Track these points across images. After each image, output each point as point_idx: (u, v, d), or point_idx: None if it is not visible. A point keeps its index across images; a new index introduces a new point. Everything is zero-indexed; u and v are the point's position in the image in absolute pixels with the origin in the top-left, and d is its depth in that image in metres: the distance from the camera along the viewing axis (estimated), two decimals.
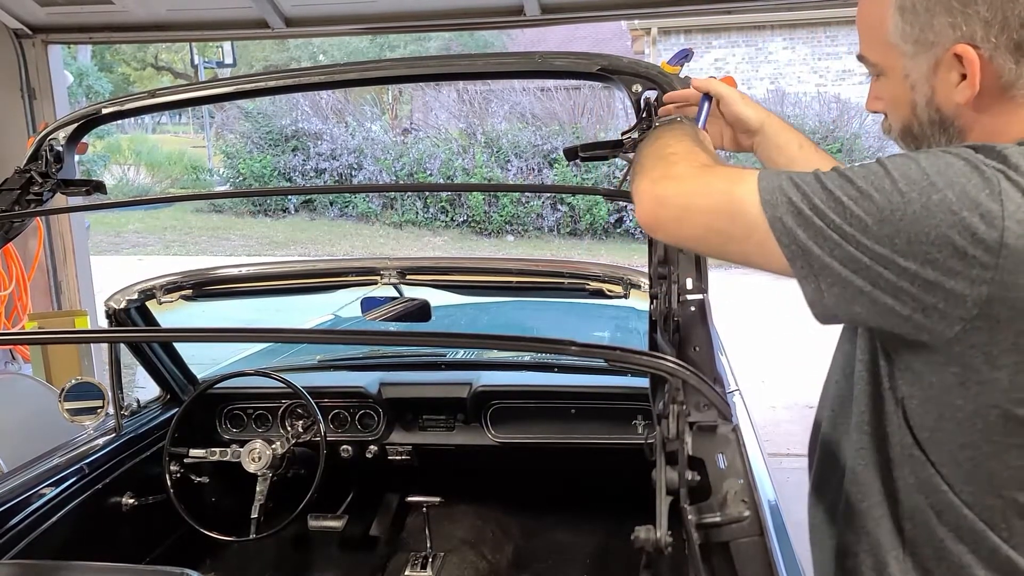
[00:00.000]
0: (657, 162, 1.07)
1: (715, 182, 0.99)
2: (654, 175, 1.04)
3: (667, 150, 1.10)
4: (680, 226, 1.01)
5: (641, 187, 1.04)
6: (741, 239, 0.96)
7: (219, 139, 18.77)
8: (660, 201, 1.01)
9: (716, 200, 0.97)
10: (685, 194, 1.00)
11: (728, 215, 0.96)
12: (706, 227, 0.99)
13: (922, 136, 1.03)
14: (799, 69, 15.96)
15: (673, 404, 1.09)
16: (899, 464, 1.01)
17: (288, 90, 1.85)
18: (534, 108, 15.39)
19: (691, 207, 0.99)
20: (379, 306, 2.49)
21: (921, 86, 1.00)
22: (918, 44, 0.98)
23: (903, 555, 1.02)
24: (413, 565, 2.68)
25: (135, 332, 2.34)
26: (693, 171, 1.03)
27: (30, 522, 1.94)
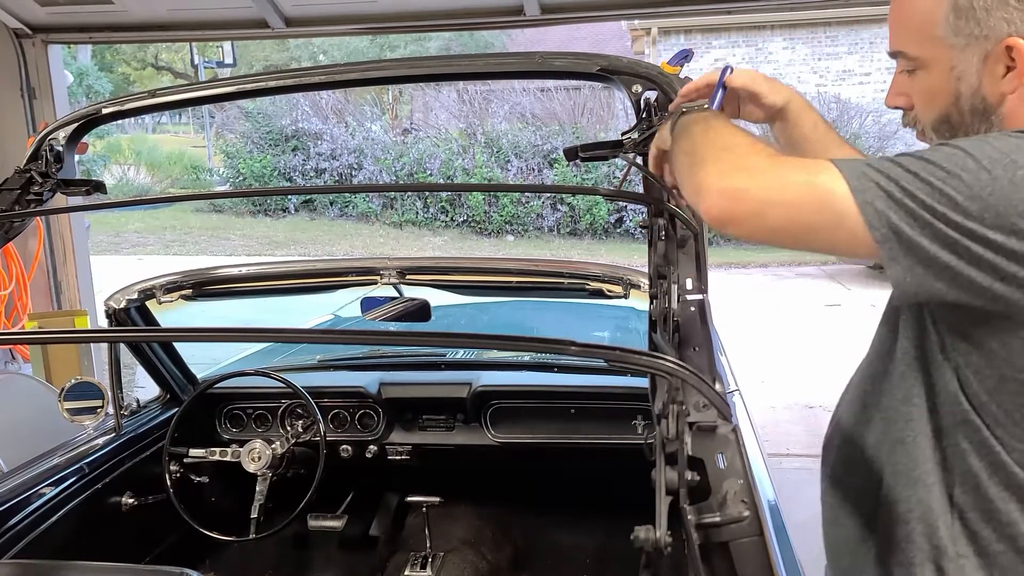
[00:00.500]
0: (721, 153, 1.04)
1: (794, 173, 0.99)
2: (722, 167, 1.02)
3: (728, 140, 1.07)
4: (760, 220, 1.00)
5: (707, 181, 1.01)
6: (830, 228, 0.98)
7: (219, 139, 18.78)
8: (734, 196, 0.99)
9: (800, 192, 0.98)
10: (764, 187, 0.99)
11: (815, 206, 0.98)
12: (789, 219, 0.99)
13: (960, 125, 1.09)
14: (799, 69, 15.97)
15: (673, 404, 1.09)
16: (951, 431, 1.08)
17: (288, 90, 1.85)
18: (534, 108, 15.40)
19: (772, 200, 0.99)
20: (379, 306, 2.49)
21: (968, 77, 1.06)
22: (971, 37, 1.04)
23: (951, 519, 1.09)
24: (413, 565, 2.68)
25: (135, 332, 2.34)
26: (767, 162, 1.01)
27: (30, 522, 1.94)
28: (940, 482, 1.10)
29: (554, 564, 2.82)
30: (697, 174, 1.05)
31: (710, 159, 1.05)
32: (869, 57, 15.75)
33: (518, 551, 2.88)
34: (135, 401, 2.52)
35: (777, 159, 1.02)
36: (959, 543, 1.09)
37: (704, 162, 1.05)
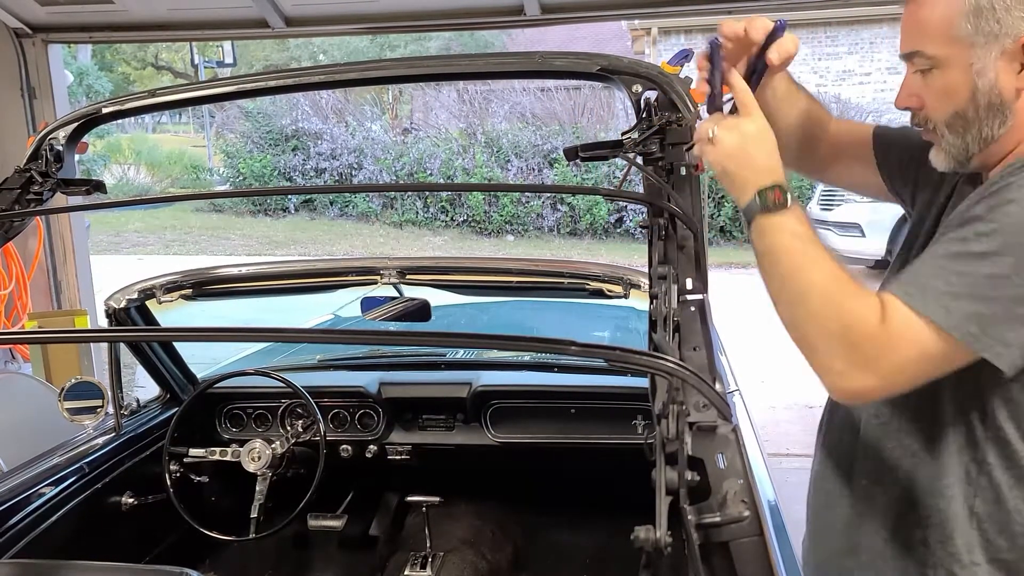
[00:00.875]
0: (829, 344, 1.11)
1: (902, 352, 1.08)
2: (837, 366, 1.11)
3: (829, 317, 1.12)
4: (887, 396, 1.16)
5: (832, 382, 1.13)
6: (946, 366, 1.10)
7: (219, 138, 18.78)
8: (861, 394, 1.14)
9: (914, 366, 1.09)
10: (886, 380, 1.10)
11: (931, 366, 1.09)
12: (911, 383, 1.12)
13: (974, 120, 1.16)
14: (799, 69, 15.86)
15: (673, 404, 1.09)
16: (981, 445, 1.17)
17: (288, 90, 1.85)
18: (534, 108, 15.40)
19: (895, 385, 1.12)
20: (379, 306, 2.49)
21: (987, 72, 1.12)
22: (990, 36, 1.11)
23: (969, 528, 1.18)
24: (413, 565, 2.68)
25: (135, 331, 2.34)
26: (874, 349, 1.08)
27: (30, 521, 1.94)
28: (962, 494, 1.18)
29: (554, 564, 2.82)
30: (808, 355, 1.15)
31: (820, 347, 1.13)
32: (869, 57, 15.76)
33: (518, 551, 2.88)
34: (135, 401, 2.52)
35: (882, 335, 1.08)
36: (974, 552, 1.17)
37: (813, 348, 1.14)
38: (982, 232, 1.07)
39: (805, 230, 1.18)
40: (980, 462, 1.17)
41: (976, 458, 1.17)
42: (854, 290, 1.12)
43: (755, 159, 1.21)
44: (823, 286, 1.13)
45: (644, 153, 1.48)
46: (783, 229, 1.18)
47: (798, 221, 1.18)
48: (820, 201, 10.36)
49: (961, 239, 1.09)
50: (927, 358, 1.08)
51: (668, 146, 1.47)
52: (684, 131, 1.47)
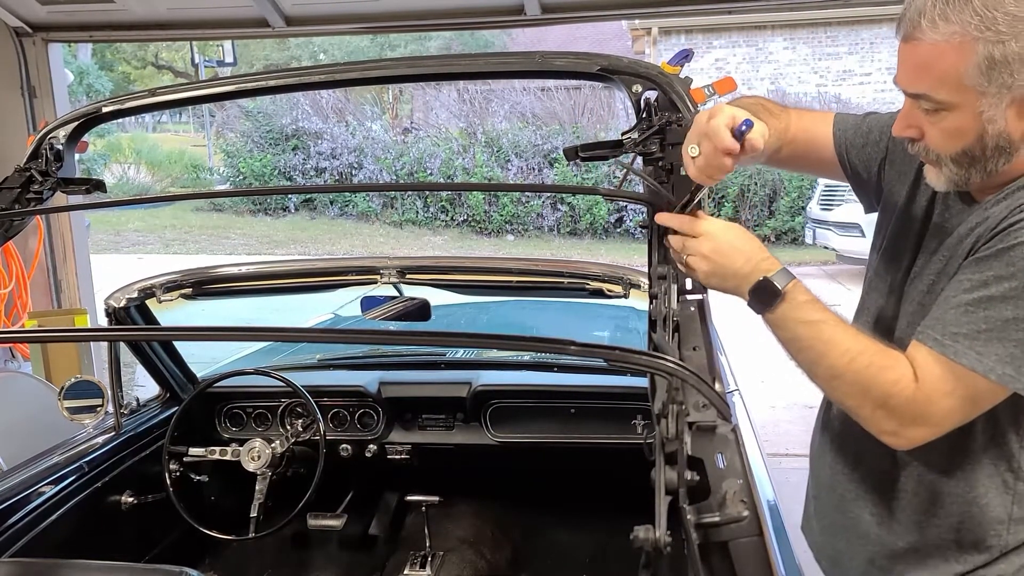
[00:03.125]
0: (875, 412, 1.18)
1: (944, 403, 1.14)
2: (888, 427, 1.18)
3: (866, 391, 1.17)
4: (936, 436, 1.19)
5: (889, 441, 1.19)
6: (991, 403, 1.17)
7: (219, 138, 18.77)
8: (919, 442, 1.19)
9: (959, 411, 1.16)
10: (936, 431, 1.17)
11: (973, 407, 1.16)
12: (962, 421, 1.18)
13: (980, 159, 1.18)
14: (799, 69, 15.97)
15: (672, 404, 1.09)
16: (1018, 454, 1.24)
17: (289, 89, 1.84)
18: (534, 108, 15.40)
19: (945, 430, 1.18)
20: (379, 305, 2.49)
21: (997, 120, 1.14)
22: (1002, 87, 1.11)
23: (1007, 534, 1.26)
24: (412, 564, 2.68)
25: (135, 331, 2.34)
26: (917, 408, 1.15)
27: (29, 520, 1.94)
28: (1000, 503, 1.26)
29: (553, 564, 2.82)
30: (861, 422, 1.21)
31: (867, 416, 1.19)
32: (869, 57, 15.76)
33: (517, 551, 2.88)
34: (135, 400, 2.52)
35: (920, 393, 1.15)
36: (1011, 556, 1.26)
37: (861, 417, 1.20)
38: (1001, 276, 1.11)
39: (811, 314, 1.21)
40: (1016, 471, 1.24)
41: (1012, 467, 1.24)
42: (880, 361, 1.17)
43: (732, 268, 1.24)
44: (849, 367, 1.17)
45: (644, 153, 1.47)
46: (789, 319, 1.22)
47: (800, 306, 1.21)
48: (820, 201, 10.36)
49: (981, 283, 1.13)
50: (970, 401, 1.14)
51: (668, 146, 1.47)
52: (684, 131, 1.47)
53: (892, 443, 1.19)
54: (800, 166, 1.56)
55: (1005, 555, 1.26)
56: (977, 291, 1.13)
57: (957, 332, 1.13)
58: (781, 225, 12.91)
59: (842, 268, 10.43)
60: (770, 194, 13.05)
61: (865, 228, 9.06)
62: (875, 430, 1.19)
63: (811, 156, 1.50)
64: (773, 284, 1.21)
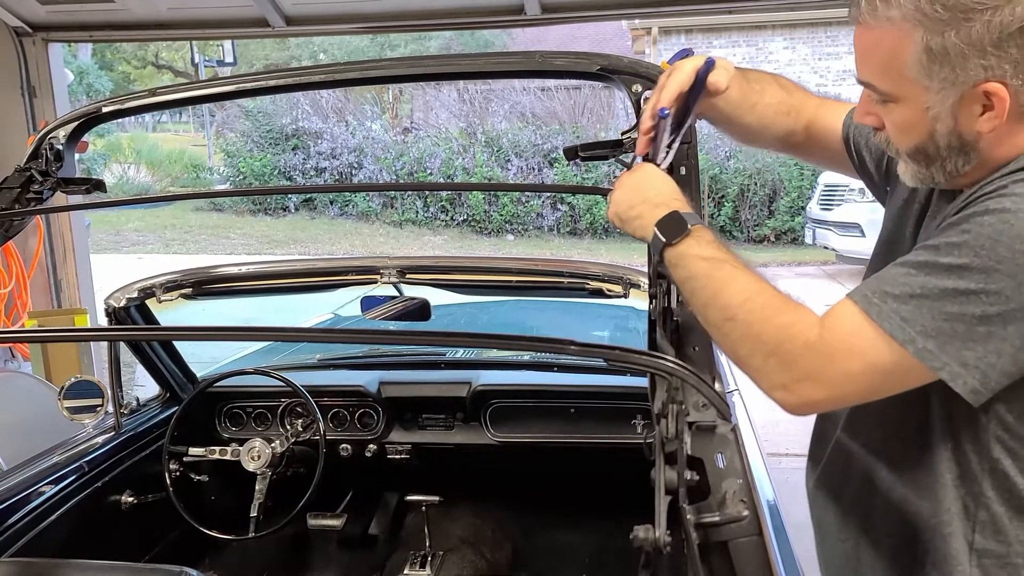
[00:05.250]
0: (766, 362, 1.08)
1: (848, 362, 1.03)
2: (779, 380, 1.07)
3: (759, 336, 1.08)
4: (840, 406, 1.15)
5: (778, 397, 1.08)
6: (901, 383, 1.05)
7: (219, 138, 18.78)
8: (810, 405, 1.10)
9: (864, 378, 1.04)
10: (832, 393, 1.06)
11: (882, 379, 1.04)
12: (863, 395, 1.08)
13: (936, 157, 1.09)
14: (799, 69, 15.96)
15: (672, 404, 1.09)
16: (978, 477, 1.10)
17: (289, 89, 1.84)
18: (534, 107, 15.40)
19: (844, 396, 1.08)
20: (379, 305, 2.49)
21: (944, 118, 1.05)
22: (945, 81, 1.02)
23: (970, 567, 1.11)
24: (412, 564, 2.68)
25: (135, 330, 2.34)
26: (815, 359, 1.05)
27: (29, 520, 1.94)
28: (961, 530, 1.12)
29: (553, 564, 2.82)
30: (751, 375, 1.11)
31: (757, 365, 1.09)
32: None
33: (517, 550, 2.88)
34: (135, 400, 2.52)
35: (822, 345, 1.04)
36: None
37: (752, 368, 1.10)
38: (954, 243, 0.99)
39: (714, 251, 1.14)
40: (977, 495, 1.10)
41: (973, 491, 1.11)
42: (780, 304, 1.08)
43: (643, 196, 1.21)
44: (745, 306, 1.09)
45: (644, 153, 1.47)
46: (689, 255, 1.15)
47: (704, 244, 1.15)
48: (820, 201, 10.36)
49: (933, 248, 1.02)
50: (877, 370, 1.02)
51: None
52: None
53: (783, 402, 1.07)
54: (813, 155, 1.51)
55: None
56: (925, 255, 1.02)
57: (888, 292, 1.01)
58: (781, 225, 12.91)
59: (842, 268, 10.42)
60: (770, 194, 13.05)
61: (865, 228, 9.07)
62: (766, 385, 1.08)
63: (822, 145, 1.44)
64: (682, 217, 1.16)
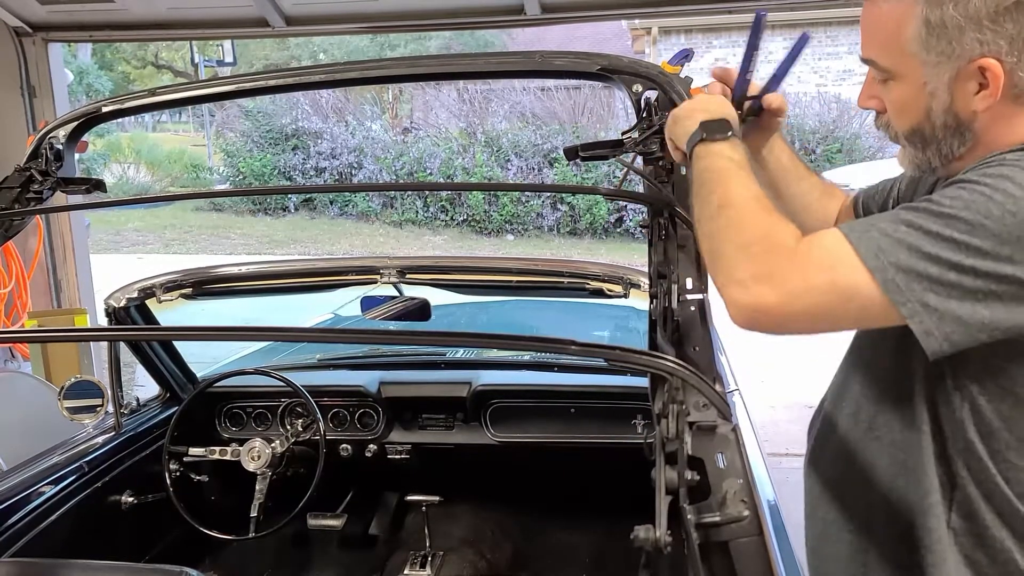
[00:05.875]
0: (737, 253, 1.04)
1: (815, 274, 0.99)
2: (739, 275, 1.02)
3: (744, 221, 1.06)
4: (784, 327, 1.04)
5: (729, 291, 1.03)
6: (857, 315, 1.02)
7: (219, 137, 18.76)
8: (759, 310, 1.01)
9: (824, 294, 0.99)
10: (788, 298, 1.00)
11: (839, 301, 0.99)
12: (814, 318, 1.01)
13: (932, 139, 1.10)
14: (799, 69, 15.90)
15: (673, 404, 1.09)
16: (953, 458, 1.10)
17: (288, 89, 1.85)
18: (534, 107, 15.39)
19: (796, 311, 1.00)
20: (379, 305, 2.49)
21: (941, 94, 1.06)
22: (943, 55, 1.04)
23: (952, 546, 1.11)
24: (412, 564, 2.68)
25: (135, 330, 2.34)
26: (786, 261, 1.01)
27: (29, 520, 1.94)
28: (943, 511, 1.11)
29: (554, 563, 2.82)
30: (716, 268, 1.07)
31: (728, 254, 1.05)
32: None
33: (518, 551, 2.88)
34: (135, 400, 2.52)
35: (796, 253, 1.01)
36: (960, 571, 1.11)
37: (721, 256, 1.06)
38: (948, 195, 0.99)
39: (741, 158, 1.14)
40: (952, 476, 1.11)
41: (949, 471, 1.11)
42: (775, 211, 1.08)
43: (705, 107, 1.24)
44: (745, 201, 1.08)
45: (644, 153, 1.48)
46: (720, 154, 1.15)
47: (736, 149, 1.16)
48: None
49: (927, 199, 1.01)
50: (839, 291, 0.99)
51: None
52: None
53: (735, 299, 1.02)
54: None
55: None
56: (921, 203, 1.02)
57: (874, 225, 1.01)
58: None
59: None
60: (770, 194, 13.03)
61: None
62: (723, 278, 1.04)
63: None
64: (730, 125, 1.18)
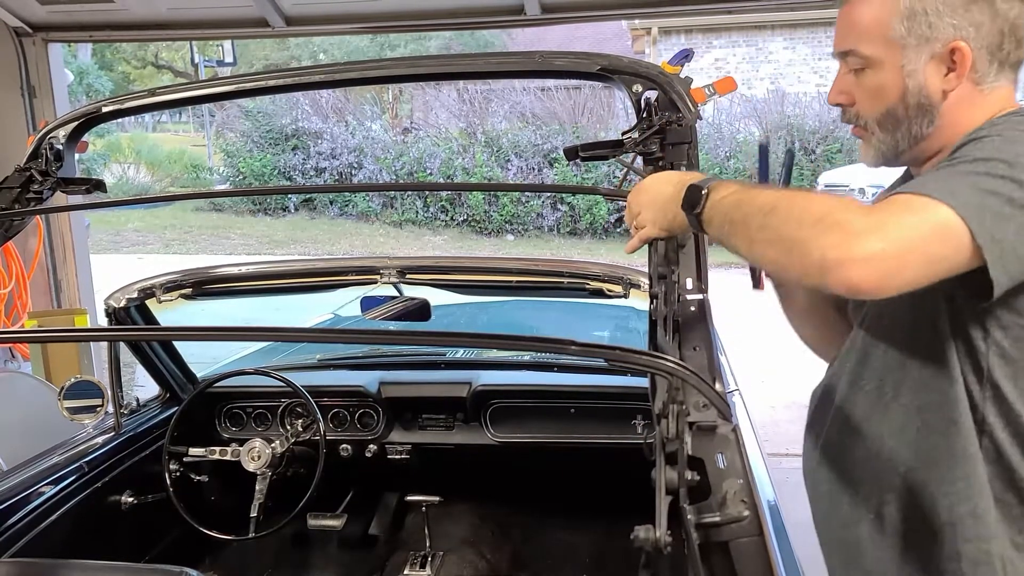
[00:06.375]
0: (815, 226, 1.01)
1: (904, 216, 1.01)
2: (835, 237, 0.99)
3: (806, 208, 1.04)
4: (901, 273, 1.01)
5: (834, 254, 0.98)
6: (953, 253, 1.01)
7: (219, 138, 18.76)
8: (874, 258, 0.98)
9: (922, 233, 1.00)
10: (896, 240, 0.99)
11: (938, 240, 1.00)
12: (925, 260, 1.01)
13: (903, 119, 1.20)
14: (799, 69, 15.96)
15: (673, 404, 1.09)
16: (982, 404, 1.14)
17: (288, 89, 1.85)
18: (534, 108, 15.39)
19: (906, 250, 1.00)
20: (379, 305, 2.49)
21: (916, 75, 1.18)
22: (921, 39, 1.16)
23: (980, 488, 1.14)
24: (412, 564, 2.68)
25: (135, 331, 2.34)
26: (867, 216, 1.00)
27: (29, 520, 1.94)
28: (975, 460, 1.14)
29: (554, 564, 2.82)
30: (797, 250, 1.02)
31: (805, 231, 1.02)
32: None
33: (518, 551, 2.88)
34: (135, 400, 2.52)
35: (870, 209, 1.03)
36: (990, 512, 1.14)
37: (799, 242, 1.02)
38: (971, 150, 1.08)
39: (736, 187, 1.15)
40: (981, 423, 1.15)
41: (978, 419, 1.15)
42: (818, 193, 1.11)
43: (664, 195, 1.25)
44: (782, 195, 1.09)
45: (644, 153, 1.48)
46: (715, 203, 1.15)
47: (724, 188, 1.16)
48: None
49: (951, 159, 1.09)
50: (935, 231, 1.00)
51: (668, 146, 1.47)
52: (684, 131, 1.48)
53: (836, 258, 0.98)
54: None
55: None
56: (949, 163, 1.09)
57: (929, 179, 1.07)
58: None
59: None
60: None
61: None
62: (816, 253, 0.99)
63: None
64: (696, 185, 1.18)
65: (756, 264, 1.18)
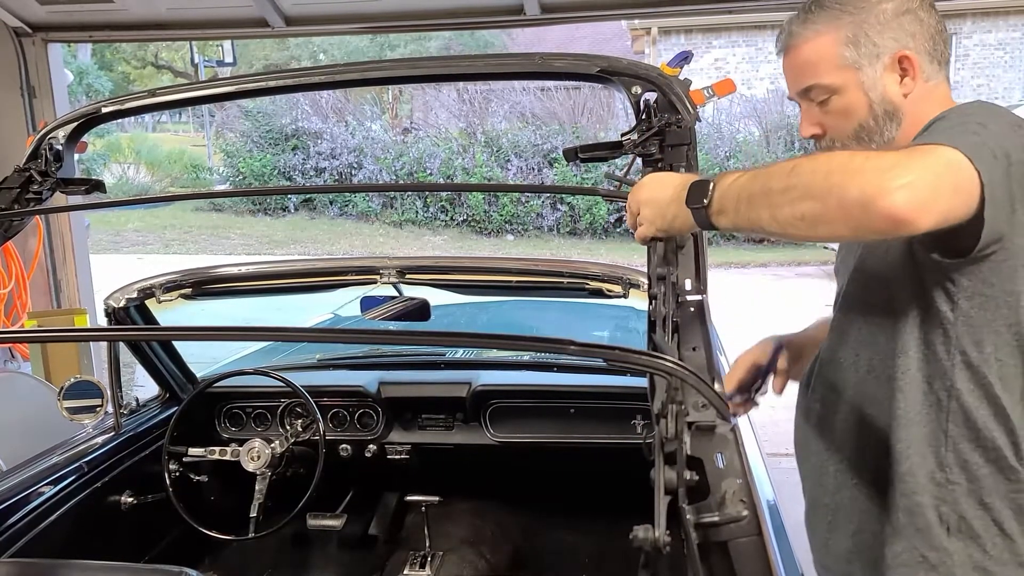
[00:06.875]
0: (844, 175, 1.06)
1: (926, 157, 1.08)
2: (865, 179, 1.03)
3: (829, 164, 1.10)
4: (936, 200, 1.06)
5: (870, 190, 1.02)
6: (967, 189, 1.09)
7: (219, 138, 18.76)
8: (910, 188, 1.02)
9: (940, 165, 1.08)
10: (922, 171, 1.05)
11: (953, 171, 1.08)
12: (954, 188, 1.08)
13: (875, 130, 1.34)
14: None
15: (672, 404, 1.09)
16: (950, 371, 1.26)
17: (288, 90, 1.85)
18: (534, 108, 15.40)
19: (935, 177, 1.06)
20: (378, 305, 2.49)
21: (876, 87, 1.32)
22: (870, 56, 1.31)
23: (945, 451, 1.28)
24: (412, 564, 2.68)
25: (134, 331, 2.34)
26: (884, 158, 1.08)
27: (29, 520, 1.94)
28: (935, 419, 1.28)
29: (553, 564, 2.83)
30: (834, 187, 1.06)
31: (841, 178, 1.06)
32: None
33: (517, 551, 2.89)
34: (134, 400, 2.52)
35: (885, 152, 1.16)
36: (952, 471, 1.27)
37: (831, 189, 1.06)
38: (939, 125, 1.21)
39: (739, 173, 1.20)
40: (949, 388, 1.27)
41: (946, 386, 1.27)
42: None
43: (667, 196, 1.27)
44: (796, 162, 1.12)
45: (643, 154, 1.48)
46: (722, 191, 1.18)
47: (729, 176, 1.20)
48: None
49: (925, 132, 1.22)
50: (951, 168, 1.07)
51: (667, 147, 1.47)
52: (683, 132, 1.48)
53: (876, 191, 1.02)
54: None
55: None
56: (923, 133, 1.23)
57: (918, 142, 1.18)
58: None
59: None
60: None
61: None
62: (855, 191, 1.04)
63: None
64: (699, 182, 1.22)
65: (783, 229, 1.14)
